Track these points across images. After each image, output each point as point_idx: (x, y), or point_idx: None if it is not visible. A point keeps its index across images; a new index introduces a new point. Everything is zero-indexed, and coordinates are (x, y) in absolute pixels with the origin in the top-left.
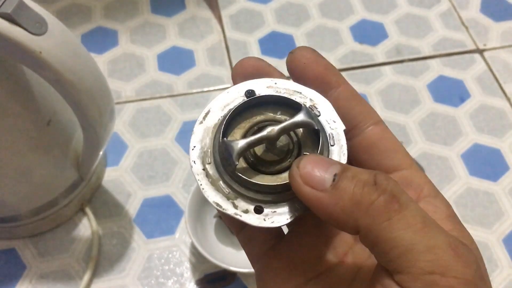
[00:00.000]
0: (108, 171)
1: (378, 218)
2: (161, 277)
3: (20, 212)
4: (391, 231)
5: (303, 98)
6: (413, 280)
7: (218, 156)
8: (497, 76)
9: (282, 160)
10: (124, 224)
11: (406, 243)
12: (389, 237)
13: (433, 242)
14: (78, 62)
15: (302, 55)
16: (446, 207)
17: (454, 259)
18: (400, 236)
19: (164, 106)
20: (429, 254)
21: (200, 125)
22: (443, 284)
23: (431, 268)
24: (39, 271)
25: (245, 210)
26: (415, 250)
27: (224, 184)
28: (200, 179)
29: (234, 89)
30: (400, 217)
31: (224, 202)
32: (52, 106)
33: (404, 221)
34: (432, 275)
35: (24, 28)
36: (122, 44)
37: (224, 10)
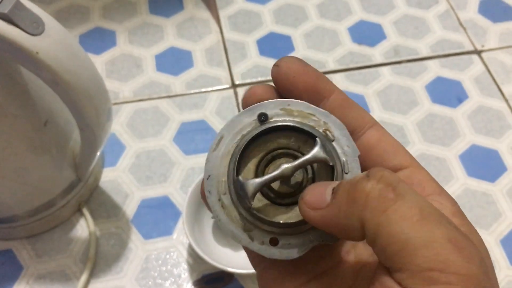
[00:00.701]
0: (105, 171)
1: (375, 209)
2: (159, 278)
3: (17, 213)
4: (388, 224)
5: (317, 121)
6: (411, 277)
7: (233, 186)
8: (495, 77)
9: (297, 192)
10: (121, 225)
11: (402, 238)
12: (386, 232)
13: (430, 236)
14: (75, 62)
15: (289, 67)
16: (451, 204)
17: (454, 253)
18: (396, 230)
19: (162, 107)
20: (426, 249)
21: (213, 152)
22: (443, 281)
23: (429, 265)
24: (36, 272)
25: (261, 242)
26: (412, 245)
27: (239, 215)
28: (217, 210)
29: (247, 112)
30: (396, 207)
31: (240, 233)
32: (49, 106)
33: (399, 212)
34: (431, 271)
35: (21, 28)
36: (120, 45)
37: (222, 10)
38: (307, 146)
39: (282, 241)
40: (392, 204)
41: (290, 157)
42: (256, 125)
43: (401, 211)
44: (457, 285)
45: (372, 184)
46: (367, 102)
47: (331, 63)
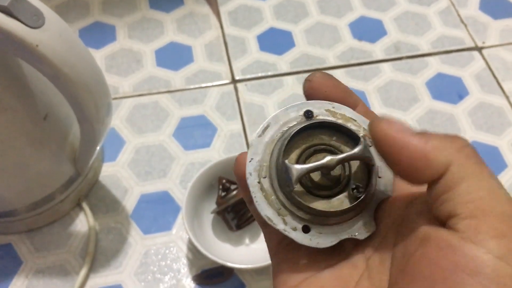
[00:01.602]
0: (105, 166)
1: (470, 159)
2: (158, 273)
3: (16, 207)
4: (480, 173)
5: (358, 127)
6: (484, 226)
7: (274, 172)
8: (495, 74)
9: (334, 186)
10: (121, 220)
11: (491, 187)
12: (477, 178)
13: (510, 198)
14: (75, 55)
15: (321, 83)
16: None
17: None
18: (486, 181)
19: (162, 102)
20: (508, 206)
21: (258, 138)
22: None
23: (505, 219)
24: (36, 266)
25: (293, 228)
26: (498, 197)
27: (277, 200)
28: (255, 192)
29: (294, 107)
30: (487, 167)
31: (275, 217)
32: (48, 100)
33: (488, 170)
34: (504, 224)
35: (21, 21)
36: (119, 39)
37: (222, 6)
38: (348, 147)
39: (314, 230)
40: (482, 161)
41: (330, 153)
42: (302, 120)
43: (489, 170)
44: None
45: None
46: (367, 98)
47: (331, 59)
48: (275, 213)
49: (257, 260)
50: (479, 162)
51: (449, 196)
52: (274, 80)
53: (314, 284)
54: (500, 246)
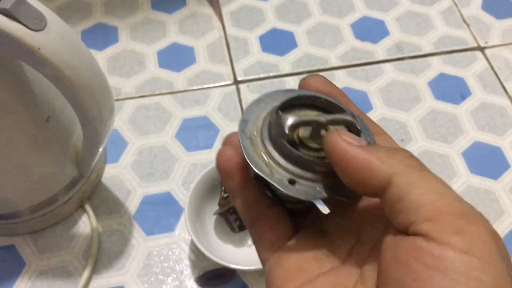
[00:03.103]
0: (107, 168)
1: (410, 167)
2: (161, 274)
3: (19, 209)
4: (422, 178)
5: (346, 109)
6: (444, 226)
7: (266, 131)
8: (498, 74)
9: (321, 150)
10: (123, 221)
11: (439, 190)
12: (421, 183)
13: (459, 197)
14: (77, 58)
15: (314, 79)
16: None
17: (478, 214)
18: (430, 184)
19: (164, 103)
20: (458, 202)
21: (253, 105)
22: (474, 230)
23: (461, 214)
24: (39, 268)
25: (279, 180)
26: (445, 196)
27: (265, 154)
28: (245, 145)
29: (287, 90)
30: (430, 173)
31: (263, 166)
32: (51, 102)
33: (433, 176)
34: (462, 219)
35: (22, 23)
36: (122, 41)
37: (224, 7)
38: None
39: (299, 184)
40: (425, 169)
41: None
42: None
43: (434, 176)
44: (487, 237)
45: (410, 155)
46: (369, 99)
47: (333, 60)
48: (262, 165)
49: (260, 262)
50: (421, 169)
51: (401, 207)
52: (276, 81)
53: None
54: (463, 241)
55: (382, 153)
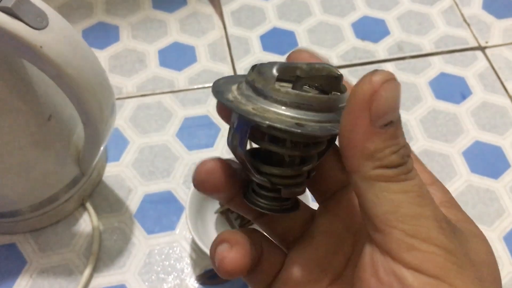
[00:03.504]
0: (109, 166)
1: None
2: (162, 273)
3: (20, 207)
4: (387, 189)
5: None
6: (395, 242)
7: (249, 91)
8: (498, 74)
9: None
10: (124, 220)
11: (395, 203)
12: (380, 195)
13: (420, 210)
14: (79, 56)
15: (301, 51)
16: (442, 193)
17: (437, 230)
18: (393, 197)
19: (165, 102)
20: (413, 219)
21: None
22: (424, 249)
23: (413, 232)
24: (40, 266)
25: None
26: (402, 212)
27: (258, 109)
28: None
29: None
30: (400, 183)
31: (263, 118)
32: (52, 101)
33: (401, 186)
34: (413, 238)
35: (24, 22)
36: (123, 40)
37: (225, 6)
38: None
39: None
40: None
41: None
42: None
43: (404, 186)
44: (439, 255)
45: (398, 160)
46: None
47: (334, 59)
48: (262, 117)
49: None
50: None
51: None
52: None
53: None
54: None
55: (374, 146)
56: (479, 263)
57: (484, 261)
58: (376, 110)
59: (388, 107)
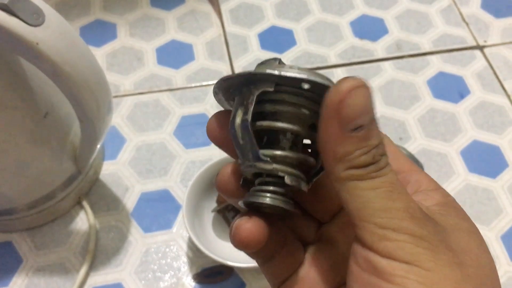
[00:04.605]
0: (106, 164)
1: (355, 172)
2: (158, 271)
3: (17, 205)
4: (356, 188)
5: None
6: (368, 234)
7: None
8: (497, 73)
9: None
10: (121, 218)
11: (364, 200)
12: (353, 192)
13: (390, 204)
14: (75, 54)
15: None
16: (441, 196)
17: (408, 220)
18: (363, 193)
19: (163, 100)
20: (383, 212)
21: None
22: (394, 237)
23: (383, 224)
24: (36, 264)
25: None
26: (373, 207)
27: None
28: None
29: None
30: (371, 180)
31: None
32: (49, 98)
33: (372, 183)
34: (384, 229)
35: (21, 19)
36: (121, 37)
37: (223, 4)
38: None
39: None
40: (368, 178)
41: None
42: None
43: (374, 183)
44: (410, 243)
45: (371, 159)
46: None
47: (332, 58)
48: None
49: None
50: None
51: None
52: None
53: None
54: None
55: (344, 150)
56: (460, 251)
57: (465, 250)
58: (344, 116)
59: (356, 113)
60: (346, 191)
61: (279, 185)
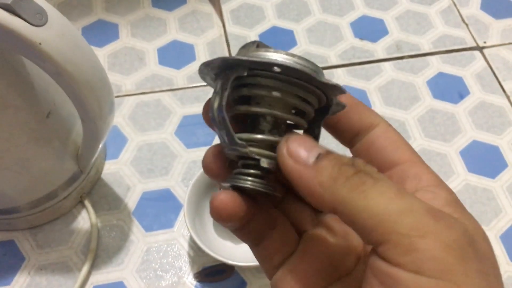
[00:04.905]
0: (107, 164)
1: (353, 190)
2: (159, 270)
3: (19, 204)
4: (365, 199)
5: None
6: (394, 247)
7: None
8: (496, 74)
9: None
10: (123, 217)
11: (381, 209)
12: (364, 206)
13: (408, 205)
14: (78, 54)
15: None
16: (447, 193)
17: (433, 221)
18: (375, 203)
19: (164, 100)
20: (405, 216)
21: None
22: (423, 247)
23: (408, 231)
24: (38, 263)
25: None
26: (391, 214)
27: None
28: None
29: None
30: (374, 188)
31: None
32: (52, 98)
33: (377, 190)
34: (410, 238)
35: (24, 19)
36: (122, 38)
37: (225, 4)
38: None
39: None
40: (370, 187)
41: None
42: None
43: (379, 189)
44: (440, 251)
45: (354, 172)
46: (368, 98)
47: (333, 58)
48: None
49: None
50: (365, 188)
51: (356, 230)
52: None
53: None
54: (412, 261)
55: (326, 174)
56: (482, 257)
57: (485, 255)
58: (300, 156)
59: (307, 149)
60: (358, 209)
61: (258, 167)
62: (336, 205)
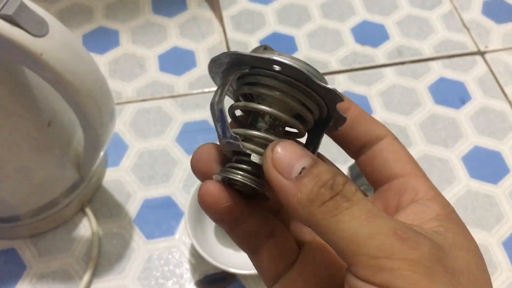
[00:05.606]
0: (108, 171)
1: (327, 214)
2: (161, 278)
3: (20, 212)
4: (337, 223)
5: None
6: (363, 268)
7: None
8: (498, 78)
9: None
10: (124, 225)
11: (350, 232)
12: (335, 229)
13: (376, 229)
14: (78, 63)
15: None
16: (440, 207)
17: (398, 242)
18: (346, 227)
19: (165, 107)
20: (372, 240)
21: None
22: (389, 266)
23: (375, 253)
24: (39, 271)
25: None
26: (359, 238)
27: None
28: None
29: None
30: (347, 212)
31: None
32: (52, 106)
33: (349, 214)
34: (378, 259)
35: (25, 29)
36: (123, 44)
37: (225, 10)
38: None
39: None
40: (343, 210)
41: None
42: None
43: (351, 213)
44: (405, 269)
45: (331, 196)
46: (369, 103)
47: (334, 64)
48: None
49: None
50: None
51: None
52: None
53: None
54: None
55: (305, 193)
56: (458, 271)
57: (463, 270)
58: (284, 167)
59: (290, 161)
60: (331, 232)
61: (250, 163)
62: (312, 225)
